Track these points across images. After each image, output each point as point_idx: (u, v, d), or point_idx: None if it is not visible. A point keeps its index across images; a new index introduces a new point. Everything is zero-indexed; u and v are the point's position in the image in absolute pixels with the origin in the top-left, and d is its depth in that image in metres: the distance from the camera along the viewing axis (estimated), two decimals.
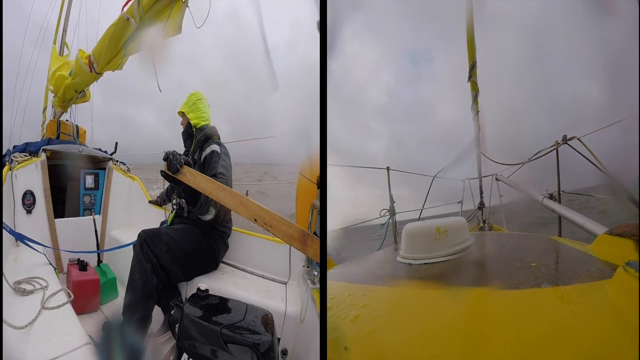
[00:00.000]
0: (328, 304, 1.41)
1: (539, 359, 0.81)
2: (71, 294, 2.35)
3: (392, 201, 3.91)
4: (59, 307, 2.12)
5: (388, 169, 3.97)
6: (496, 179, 4.87)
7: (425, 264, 1.62)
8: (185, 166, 2.54)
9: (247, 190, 3.25)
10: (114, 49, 3.37)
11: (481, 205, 5.23)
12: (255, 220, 2.13)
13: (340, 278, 1.78)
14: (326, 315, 1.30)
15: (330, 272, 1.96)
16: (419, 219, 3.77)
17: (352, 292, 1.49)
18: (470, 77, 4.17)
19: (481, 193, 5.28)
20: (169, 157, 2.56)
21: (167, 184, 3.80)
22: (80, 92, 4.53)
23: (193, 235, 2.87)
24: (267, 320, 1.95)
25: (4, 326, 1.76)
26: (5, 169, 3.46)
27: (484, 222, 4.98)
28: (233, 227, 3.22)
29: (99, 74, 3.86)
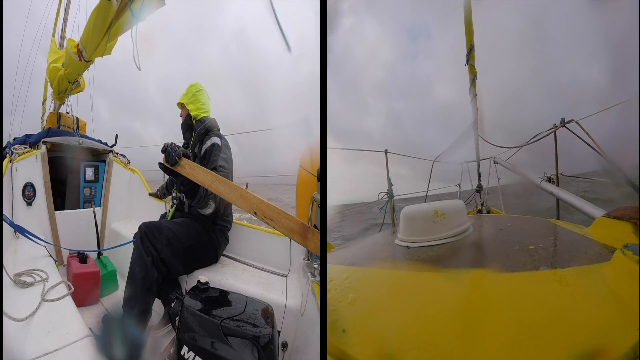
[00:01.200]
0: (326, 278, 1.41)
1: (537, 340, 0.81)
2: (71, 286, 2.36)
3: (390, 184, 3.92)
4: (59, 299, 2.13)
5: (386, 151, 3.97)
6: (494, 162, 4.87)
7: (423, 246, 1.62)
8: (183, 158, 2.53)
9: (247, 183, 3.23)
10: (99, 33, 3.29)
11: (479, 188, 5.24)
12: (255, 213, 2.12)
13: (339, 261, 1.79)
14: (326, 308, 1.30)
15: (328, 255, 1.96)
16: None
17: (350, 275, 1.50)
18: (468, 60, 4.15)
19: (479, 176, 5.29)
20: (167, 149, 2.55)
21: (167, 176, 3.80)
22: (73, 82, 4.49)
23: (194, 229, 2.86)
24: (267, 313, 1.95)
25: (5, 318, 1.77)
26: (5, 161, 3.46)
27: (482, 205, 5.00)
28: (233, 220, 3.22)
29: (89, 61, 3.80)
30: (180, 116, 3.28)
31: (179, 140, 3.28)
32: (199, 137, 3.07)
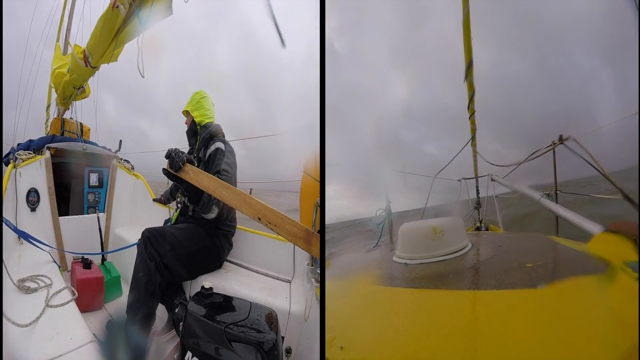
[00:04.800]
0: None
1: (537, 357, 0.80)
2: (75, 292, 2.36)
3: (388, 201, 3.91)
4: (63, 305, 2.13)
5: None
6: (491, 179, 4.85)
7: (421, 263, 1.61)
8: (187, 164, 2.53)
9: (251, 189, 3.24)
10: (106, 40, 3.32)
11: (478, 205, 5.23)
12: (260, 219, 2.12)
13: (336, 277, 1.78)
14: (324, 312, 1.30)
15: (326, 272, 1.96)
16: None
17: (348, 292, 1.49)
18: (466, 77, 4.13)
19: (477, 193, 5.28)
20: (171, 155, 2.55)
21: (171, 182, 3.80)
22: (79, 88, 4.52)
23: (197, 234, 2.87)
24: (271, 318, 1.94)
25: (8, 324, 1.77)
26: (9, 167, 3.47)
27: (480, 221, 4.99)
28: (237, 226, 3.22)
29: (95, 67, 3.83)
30: (186, 124, 3.30)
31: (185, 142, 3.30)
32: (203, 142, 3.09)
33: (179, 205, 3.20)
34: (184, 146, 3.23)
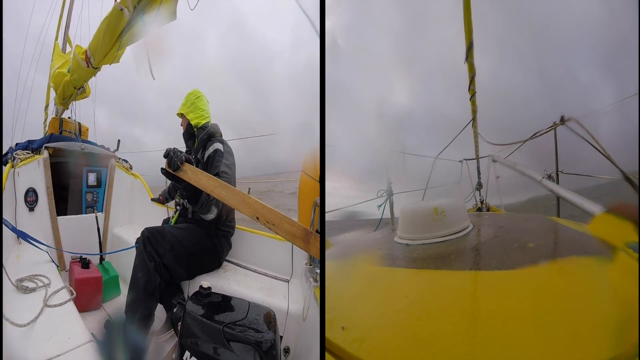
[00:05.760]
0: (325, 283, 1.41)
1: (538, 337, 0.81)
2: (73, 292, 2.35)
3: (389, 182, 3.91)
4: (61, 304, 2.12)
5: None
6: (493, 160, 4.84)
7: (423, 244, 1.62)
8: (186, 163, 2.53)
9: (249, 188, 3.23)
10: (109, 41, 3.33)
11: (479, 186, 5.23)
12: (258, 218, 2.12)
13: (338, 258, 1.78)
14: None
15: (327, 252, 1.96)
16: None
17: (349, 272, 1.50)
18: (467, 58, 4.11)
19: (479, 174, 5.28)
20: (170, 154, 2.55)
21: (169, 182, 3.79)
22: (79, 89, 4.51)
23: (197, 234, 2.86)
24: (269, 318, 1.94)
25: (7, 324, 1.76)
26: (7, 167, 3.46)
27: (481, 202, 4.99)
28: (236, 225, 3.21)
29: (96, 68, 3.83)
30: (182, 125, 3.27)
31: (180, 143, 3.28)
32: (201, 142, 3.07)
33: (178, 207, 3.19)
34: (181, 146, 3.22)
